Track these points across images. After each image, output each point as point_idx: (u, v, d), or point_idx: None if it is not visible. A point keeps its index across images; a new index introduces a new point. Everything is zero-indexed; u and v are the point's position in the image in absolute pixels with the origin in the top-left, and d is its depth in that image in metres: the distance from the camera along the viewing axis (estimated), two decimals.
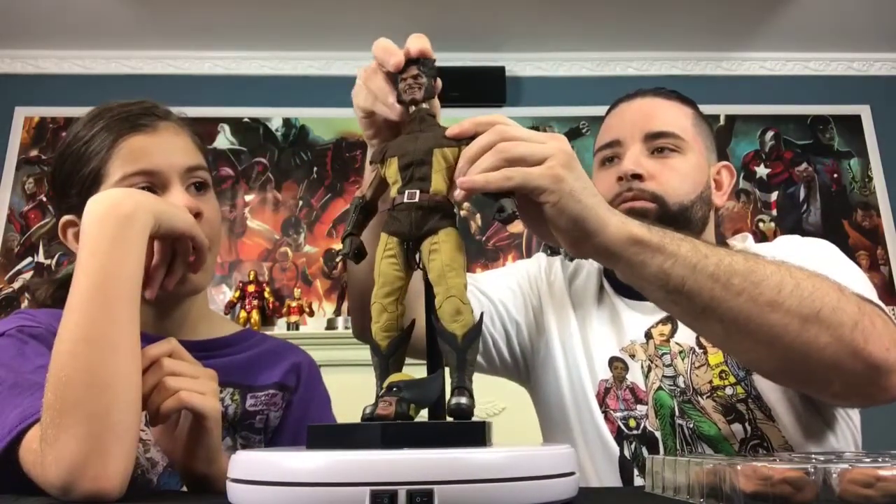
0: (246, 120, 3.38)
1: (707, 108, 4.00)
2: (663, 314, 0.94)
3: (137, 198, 0.72)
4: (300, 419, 0.92)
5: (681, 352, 0.91)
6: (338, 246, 3.23)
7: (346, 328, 3.00)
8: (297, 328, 2.98)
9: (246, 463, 0.50)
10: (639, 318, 0.95)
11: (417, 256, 0.59)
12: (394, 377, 0.56)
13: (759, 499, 0.46)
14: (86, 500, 0.61)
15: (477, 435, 0.51)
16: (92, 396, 0.62)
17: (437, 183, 0.59)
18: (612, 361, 0.94)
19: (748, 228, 3.32)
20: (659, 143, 0.97)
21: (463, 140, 0.61)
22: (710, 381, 0.87)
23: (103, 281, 0.66)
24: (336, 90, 3.40)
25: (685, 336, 0.91)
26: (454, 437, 0.50)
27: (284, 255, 3.23)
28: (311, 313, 3.08)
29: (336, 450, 0.49)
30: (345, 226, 0.64)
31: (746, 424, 0.84)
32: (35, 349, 0.74)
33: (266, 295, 3.04)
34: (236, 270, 3.17)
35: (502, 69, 3.36)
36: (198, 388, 0.68)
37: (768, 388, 0.85)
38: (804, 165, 3.43)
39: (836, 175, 3.42)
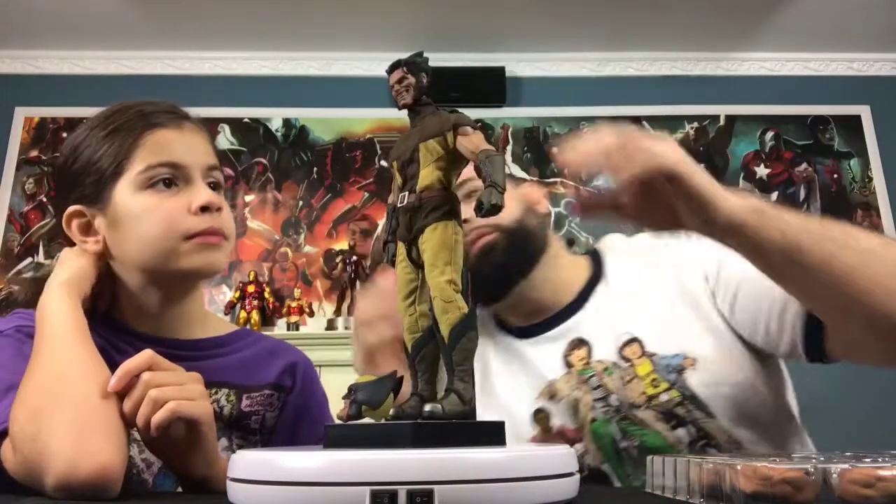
0: (246, 120, 3.38)
1: (707, 109, 3.97)
2: (571, 338, 0.94)
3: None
4: (296, 419, 0.92)
5: (605, 369, 0.90)
6: (338, 246, 3.23)
7: (346, 328, 3.00)
8: (297, 328, 2.98)
9: (246, 462, 0.50)
10: (548, 351, 0.94)
11: None
12: (359, 378, 0.57)
13: (759, 499, 0.46)
14: (90, 482, 0.61)
15: (494, 435, 0.52)
16: (64, 394, 0.66)
17: (424, 178, 0.58)
18: (536, 414, 0.93)
19: None
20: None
21: (446, 130, 0.58)
22: (644, 392, 0.87)
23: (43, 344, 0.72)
24: (336, 90, 3.40)
25: (604, 352, 0.91)
26: (478, 437, 0.50)
27: (284, 255, 3.23)
28: (311, 313, 3.08)
29: (338, 449, 0.50)
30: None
31: (690, 427, 0.84)
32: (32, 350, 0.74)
33: (266, 295, 3.04)
34: (236, 271, 3.17)
35: (502, 69, 3.36)
36: (186, 394, 0.67)
37: (699, 385, 0.85)
38: (804, 166, 3.43)
39: (836, 175, 3.42)
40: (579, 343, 0.94)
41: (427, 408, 0.51)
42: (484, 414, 0.91)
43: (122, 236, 0.83)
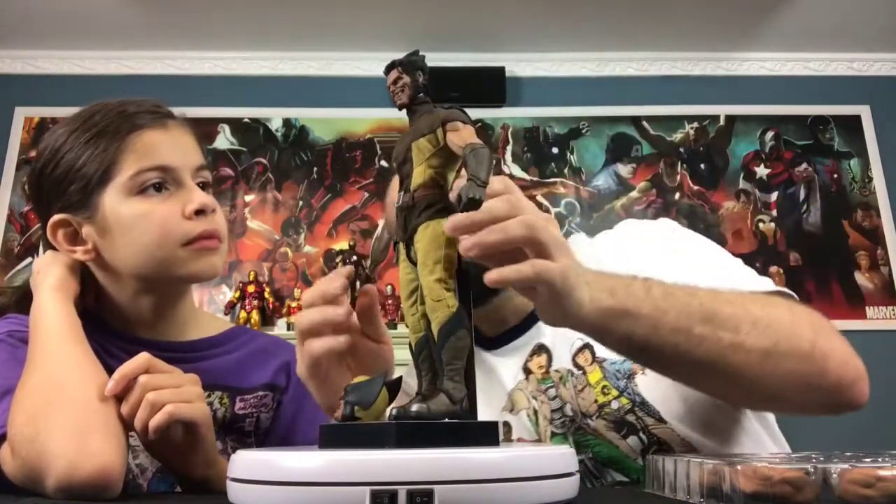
0: (246, 120, 3.38)
1: (707, 109, 3.97)
2: (532, 346, 0.92)
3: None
4: (291, 419, 0.91)
5: (561, 378, 0.88)
6: (338, 246, 3.23)
7: None
8: None
9: (246, 462, 0.50)
10: (511, 363, 0.93)
11: None
12: (353, 379, 0.56)
13: (759, 499, 0.46)
14: (91, 482, 0.61)
15: (485, 435, 0.52)
16: (62, 396, 0.65)
17: (417, 177, 0.58)
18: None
19: (748, 229, 3.32)
20: None
21: (436, 127, 0.57)
22: (596, 400, 0.85)
23: (37, 347, 0.72)
24: (336, 90, 3.40)
25: (562, 360, 0.89)
26: (464, 437, 0.50)
27: (284, 255, 3.23)
28: None
29: (338, 449, 0.50)
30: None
31: (641, 434, 0.83)
32: (26, 354, 0.74)
33: (266, 295, 3.04)
34: (236, 271, 3.17)
35: (502, 69, 3.36)
36: (183, 397, 0.67)
37: (649, 390, 0.83)
38: (804, 166, 3.42)
39: (836, 175, 3.42)
40: (539, 349, 0.91)
41: (414, 408, 0.51)
42: None
43: (114, 245, 0.81)
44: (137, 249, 0.80)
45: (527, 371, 0.91)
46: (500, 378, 0.93)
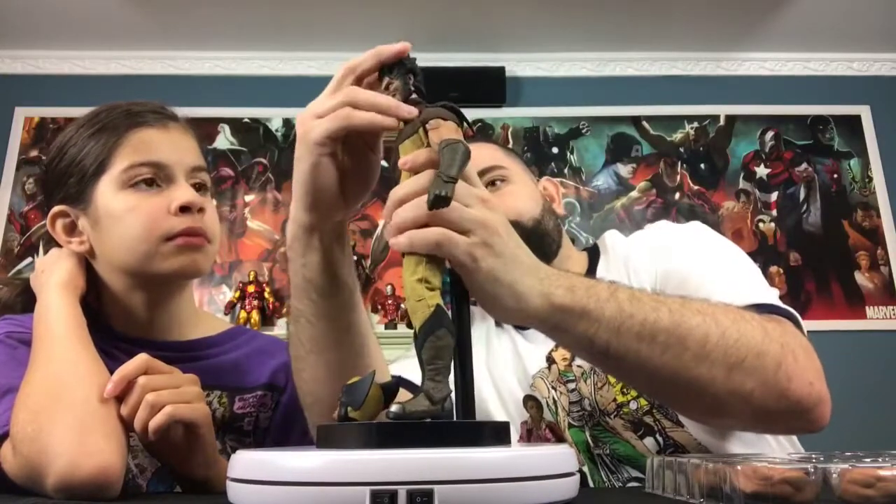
0: (246, 120, 3.38)
1: (707, 108, 3.95)
2: None
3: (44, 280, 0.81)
4: (289, 419, 0.90)
5: (583, 374, 0.90)
6: None
7: None
8: None
9: (246, 462, 0.50)
10: (537, 350, 0.94)
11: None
12: (349, 380, 0.56)
13: (759, 499, 0.46)
14: (91, 481, 0.61)
15: (472, 435, 0.51)
16: (64, 395, 0.66)
17: (405, 179, 0.58)
18: (526, 401, 0.93)
19: (748, 229, 3.32)
20: (487, 178, 0.99)
21: (417, 128, 0.57)
22: (615, 399, 0.86)
23: (44, 344, 0.72)
24: None
25: None
26: (446, 437, 0.50)
27: (284, 255, 3.23)
28: None
29: (338, 449, 0.50)
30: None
31: (657, 436, 0.84)
32: (26, 355, 0.74)
33: (266, 295, 3.04)
34: (236, 271, 3.17)
35: (502, 69, 3.36)
36: (182, 397, 0.68)
37: None
38: (804, 166, 3.43)
39: (836, 175, 3.42)
40: None
41: (393, 408, 0.50)
42: (482, 389, 0.92)
43: (104, 237, 0.82)
44: (123, 242, 0.80)
45: (550, 360, 0.92)
46: (524, 361, 0.95)
